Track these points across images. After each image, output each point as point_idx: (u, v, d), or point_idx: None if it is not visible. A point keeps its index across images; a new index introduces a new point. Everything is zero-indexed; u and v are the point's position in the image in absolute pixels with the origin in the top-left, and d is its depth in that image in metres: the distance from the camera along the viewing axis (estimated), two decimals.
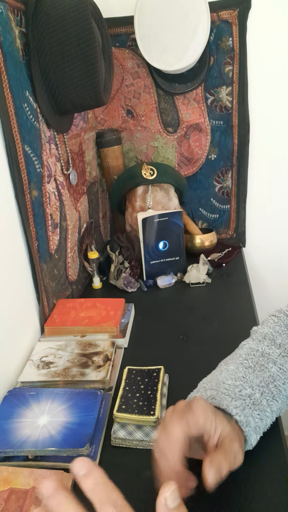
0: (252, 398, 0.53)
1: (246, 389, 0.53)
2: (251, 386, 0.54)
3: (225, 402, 0.51)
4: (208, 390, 0.54)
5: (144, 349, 0.83)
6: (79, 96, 0.87)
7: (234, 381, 0.54)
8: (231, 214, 1.39)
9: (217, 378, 0.56)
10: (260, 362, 0.57)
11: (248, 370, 0.56)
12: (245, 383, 0.54)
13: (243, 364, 0.57)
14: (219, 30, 1.16)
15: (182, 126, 1.29)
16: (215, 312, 0.94)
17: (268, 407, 0.53)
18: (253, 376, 0.55)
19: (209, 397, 0.53)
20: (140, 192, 1.19)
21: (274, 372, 0.56)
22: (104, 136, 1.25)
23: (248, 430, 0.50)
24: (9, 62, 0.72)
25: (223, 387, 0.54)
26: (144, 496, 0.52)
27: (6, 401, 0.66)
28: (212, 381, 0.56)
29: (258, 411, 0.52)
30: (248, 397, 0.53)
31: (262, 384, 0.54)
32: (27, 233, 0.80)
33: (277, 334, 0.61)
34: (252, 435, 0.51)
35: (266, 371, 0.56)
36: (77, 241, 1.09)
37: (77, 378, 0.71)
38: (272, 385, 0.55)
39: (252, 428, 0.51)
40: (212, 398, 0.53)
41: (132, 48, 1.21)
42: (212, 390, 0.54)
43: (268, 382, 0.55)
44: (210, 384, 0.56)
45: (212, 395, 0.53)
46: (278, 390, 0.55)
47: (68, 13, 0.79)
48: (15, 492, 0.51)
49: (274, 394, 0.54)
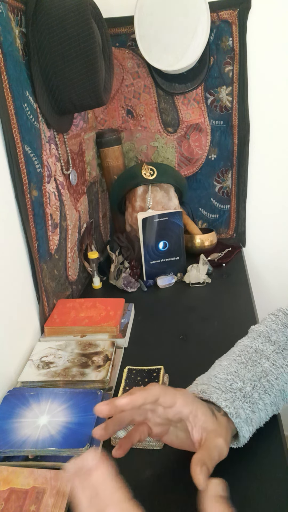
0: (242, 391, 0.53)
1: (237, 383, 0.54)
2: (242, 380, 0.54)
3: (215, 395, 0.52)
4: (200, 385, 0.55)
5: (144, 349, 0.83)
6: (79, 96, 0.87)
7: (226, 375, 0.55)
8: (231, 214, 1.39)
9: (210, 373, 0.57)
10: (253, 358, 0.58)
11: (240, 365, 0.57)
12: (236, 377, 0.55)
13: (236, 360, 0.58)
14: (219, 30, 1.16)
15: (182, 126, 1.29)
16: (215, 312, 0.94)
17: (260, 400, 0.53)
18: (245, 371, 0.56)
19: (200, 391, 0.53)
20: (140, 192, 1.19)
21: (267, 367, 0.56)
22: (104, 136, 1.26)
23: (239, 421, 0.51)
24: (9, 62, 0.72)
25: (214, 381, 0.54)
26: (144, 496, 0.52)
27: (6, 401, 0.66)
28: (204, 377, 0.57)
29: (249, 404, 0.52)
30: (239, 390, 0.53)
31: (254, 378, 0.55)
32: (27, 233, 0.80)
33: (273, 332, 0.61)
34: (244, 426, 0.51)
35: (258, 366, 0.56)
36: (77, 241, 1.09)
37: (77, 378, 0.71)
38: (264, 379, 0.55)
39: (242, 419, 0.51)
40: (202, 392, 0.53)
41: (132, 48, 1.21)
42: (203, 385, 0.55)
43: (260, 376, 0.55)
44: (202, 379, 0.57)
45: (203, 389, 0.54)
46: (270, 385, 0.55)
47: (68, 13, 0.79)
48: (15, 492, 0.51)
49: (266, 388, 0.54)
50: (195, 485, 0.46)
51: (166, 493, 0.52)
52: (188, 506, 0.50)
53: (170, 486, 0.53)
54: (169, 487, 0.53)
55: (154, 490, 0.53)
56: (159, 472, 0.54)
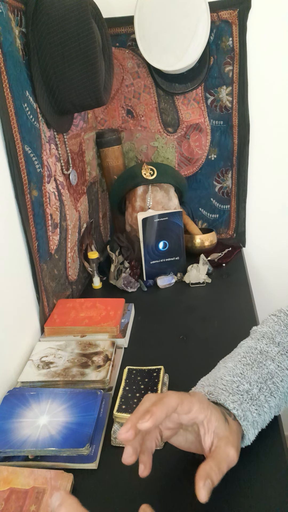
0: (249, 394, 0.53)
1: (244, 385, 0.54)
2: (248, 382, 0.54)
3: (223, 397, 0.51)
4: (206, 386, 0.55)
5: (144, 349, 0.83)
6: (79, 96, 0.87)
7: (232, 377, 0.55)
8: (231, 214, 1.39)
9: (215, 375, 0.57)
10: (258, 359, 0.57)
11: (246, 367, 0.56)
12: (242, 379, 0.54)
13: (241, 362, 0.57)
14: (219, 30, 1.16)
15: (182, 126, 1.29)
16: (215, 312, 0.94)
17: (266, 403, 0.53)
18: (251, 373, 0.55)
19: (206, 393, 0.53)
20: (140, 192, 1.19)
21: (272, 369, 0.56)
22: (104, 136, 1.26)
23: (246, 424, 0.50)
24: (9, 62, 0.72)
25: (221, 383, 0.54)
26: (144, 496, 0.52)
27: (6, 401, 0.66)
28: (210, 378, 0.57)
29: (255, 406, 0.52)
30: (246, 392, 0.53)
31: (260, 380, 0.55)
32: (27, 233, 0.80)
33: (276, 333, 0.61)
34: (250, 429, 0.51)
35: (264, 368, 0.56)
36: (77, 241, 1.09)
37: (77, 378, 0.71)
38: (270, 381, 0.55)
39: (250, 422, 0.51)
40: (209, 394, 0.53)
41: (132, 48, 1.21)
42: (209, 387, 0.54)
43: (266, 378, 0.55)
44: (208, 381, 0.56)
45: (210, 391, 0.53)
46: (276, 387, 0.55)
47: (68, 13, 0.79)
48: (15, 492, 0.51)
49: (272, 390, 0.54)
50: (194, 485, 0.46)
51: (166, 493, 0.52)
52: (188, 506, 0.50)
53: (170, 486, 0.53)
54: (169, 487, 0.53)
55: (154, 490, 0.53)
56: (159, 472, 0.54)
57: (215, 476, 0.44)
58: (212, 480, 0.43)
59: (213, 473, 0.44)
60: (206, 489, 0.42)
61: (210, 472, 0.44)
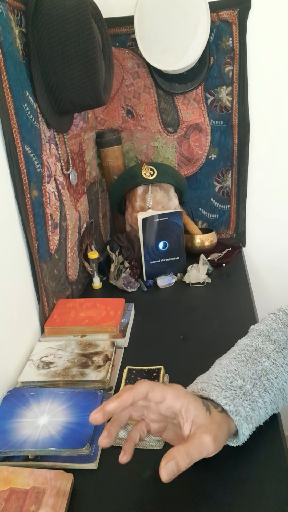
0: (243, 389, 0.53)
1: (237, 381, 0.54)
2: (242, 378, 0.54)
3: (215, 393, 0.52)
4: (200, 383, 0.55)
5: (144, 349, 0.83)
6: (79, 96, 0.87)
7: (226, 373, 0.55)
8: (231, 214, 1.39)
9: (209, 372, 0.57)
10: (253, 356, 0.58)
11: (240, 363, 0.57)
12: (236, 375, 0.55)
13: (236, 359, 0.58)
14: (219, 30, 1.16)
15: (182, 126, 1.29)
16: (215, 312, 0.94)
17: (260, 398, 0.53)
18: (245, 369, 0.56)
19: (199, 389, 0.53)
20: (140, 192, 1.19)
21: (267, 366, 0.56)
22: (104, 136, 1.25)
23: (238, 419, 0.51)
24: (9, 62, 0.72)
25: (215, 379, 0.54)
26: (144, 496, 0.52)
27: (6, 401, 0.66)
28: (204, 375, 0.57)
29: (249, 401, 0.52)
30: (239, 388, 0.53)
31: (254, 377, 0.55)
32: (27, 233, 0.80)
33: (273, 331, 0.61)
34: (243, 424, 0.51)
35: (258, 365, 0.56)
36: (77, 241, 1.09)
37: (77, 378, 0.71)
38: (264, 378, 0.55)
39: (242, 417, 0.51)
40: (202, 390, 0.53)
41: (132, 48, 1.21)
42: (203, 383, 0.55)
43: (260, 375, 0.55)
44: (202, 378, 0.57)
45: (203, 387, 0.53)
46: (270, 383, 0.55)
47: (68, 13, 0.79)
48: (15, 492, 0.51)
49: (266, 386, 0.54)
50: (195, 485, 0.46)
51: (166, 493, 0.52)
52: (188, 506, 0.50)
53: (170, 486, 0.53)
54: (169, 487, 0.53)
55: (154, 490, 0.53)
56: (159, 472, 0.54)
57: (181, 460, 0.44)
58: (177, 462, 0.44)
59: (179, 456, 0.45)
60: (167, 469, 0.43)
61: (176, 454, 0.45)
